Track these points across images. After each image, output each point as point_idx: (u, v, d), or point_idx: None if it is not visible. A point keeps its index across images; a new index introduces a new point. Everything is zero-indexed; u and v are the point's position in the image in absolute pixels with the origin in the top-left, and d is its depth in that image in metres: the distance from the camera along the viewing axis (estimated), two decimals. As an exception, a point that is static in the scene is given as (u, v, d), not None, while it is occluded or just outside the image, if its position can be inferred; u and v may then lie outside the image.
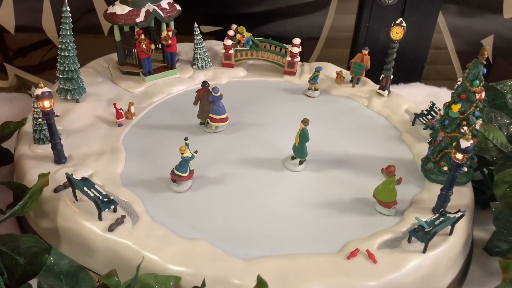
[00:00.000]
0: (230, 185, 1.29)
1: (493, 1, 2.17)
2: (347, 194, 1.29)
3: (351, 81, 1.77)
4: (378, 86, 1.68)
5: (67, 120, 1.44)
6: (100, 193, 1.17)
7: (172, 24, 1.70)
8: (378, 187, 1.21)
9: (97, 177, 1.25)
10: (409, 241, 1.14)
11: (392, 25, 1.59)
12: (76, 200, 1.20)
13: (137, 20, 1.61)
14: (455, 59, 2.37)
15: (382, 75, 1.68)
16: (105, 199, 1.15)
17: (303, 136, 1.32)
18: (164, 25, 1.70)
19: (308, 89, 1.73)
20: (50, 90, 1.22)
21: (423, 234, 1.11)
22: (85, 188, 1.16)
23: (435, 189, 1.25)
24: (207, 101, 1.45)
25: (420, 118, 1.56)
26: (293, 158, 1.38)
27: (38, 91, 1.21)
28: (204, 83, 1.45)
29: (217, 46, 1.93)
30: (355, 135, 1.52)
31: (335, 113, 1.62)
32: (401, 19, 1.58)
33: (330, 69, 1.83)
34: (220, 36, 1.91)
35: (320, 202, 1.28)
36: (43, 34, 2.04)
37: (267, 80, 1.76)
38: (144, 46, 1.61)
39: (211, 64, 1.77)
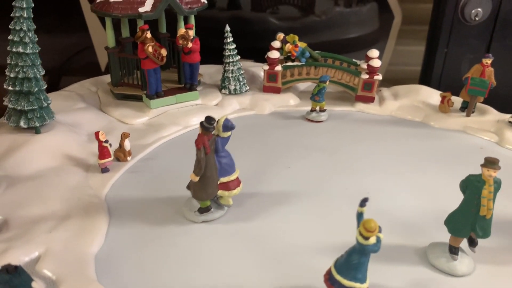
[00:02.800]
0: None
1: None
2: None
3: (463, 108, 1.18)
4: (502, 115, 1.18)
5: (13, 161, 0.91)
6: (40, 301, 0.51)
7: (193, 20, 1.13)
8: None
9: (49, 263, 0.71)
10: None
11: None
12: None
13: (141, 10, 1.04)
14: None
15: (520, 94, 1.09)
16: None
17: (496, 191, 0.67)
18: (181, 22, 1.13)
19: (311, 110, 1.19)
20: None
21: None
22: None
23: None
24: (213, 157, 0.78)
25: None
26: (453, 251, 0.71)
27: None
28: (209, 121, 0.75)
29: (254, 67, 1.36)
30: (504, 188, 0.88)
31: (450, 153, 1.07)
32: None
33: (425, 93, 1.29)
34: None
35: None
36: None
37: (332, 110, 1.17)
38: (150, 49, 1.02)
39: (248, 87, 1.19)
